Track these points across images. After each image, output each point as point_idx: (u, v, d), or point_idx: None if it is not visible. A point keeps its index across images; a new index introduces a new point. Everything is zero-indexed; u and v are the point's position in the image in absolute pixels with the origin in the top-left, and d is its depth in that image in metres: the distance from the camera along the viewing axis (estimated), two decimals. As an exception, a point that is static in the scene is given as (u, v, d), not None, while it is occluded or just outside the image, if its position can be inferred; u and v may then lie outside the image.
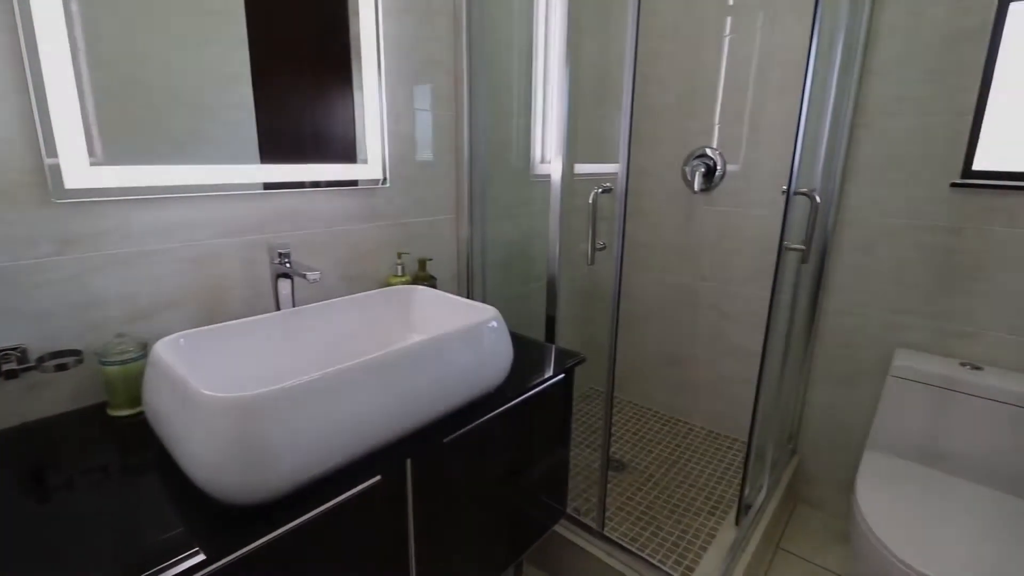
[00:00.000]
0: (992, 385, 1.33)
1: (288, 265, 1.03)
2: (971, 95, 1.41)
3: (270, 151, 1.08)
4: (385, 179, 1.31)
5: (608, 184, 1.24)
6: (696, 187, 1.91)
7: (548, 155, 1.79)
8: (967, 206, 1.43)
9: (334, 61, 1.18)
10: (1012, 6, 1.39)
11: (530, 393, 1.05)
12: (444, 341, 0.87)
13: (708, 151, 1.88)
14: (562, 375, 1.15)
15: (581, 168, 1.83)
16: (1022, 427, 1.29)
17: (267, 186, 1.08)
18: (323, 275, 1.23)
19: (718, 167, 1.87)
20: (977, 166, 1.48)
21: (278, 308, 1.04)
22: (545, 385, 1.10)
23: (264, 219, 1.10)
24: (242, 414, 0.63)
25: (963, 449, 1.37)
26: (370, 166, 1.28)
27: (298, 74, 1.11)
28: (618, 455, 1.95)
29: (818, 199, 1.28)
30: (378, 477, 0.77)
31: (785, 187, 1.21)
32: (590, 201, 1.22)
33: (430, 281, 1.42)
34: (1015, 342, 1.41)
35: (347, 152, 1.24)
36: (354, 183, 1.25)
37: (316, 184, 1.17)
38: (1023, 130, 1.40)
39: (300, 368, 0.94)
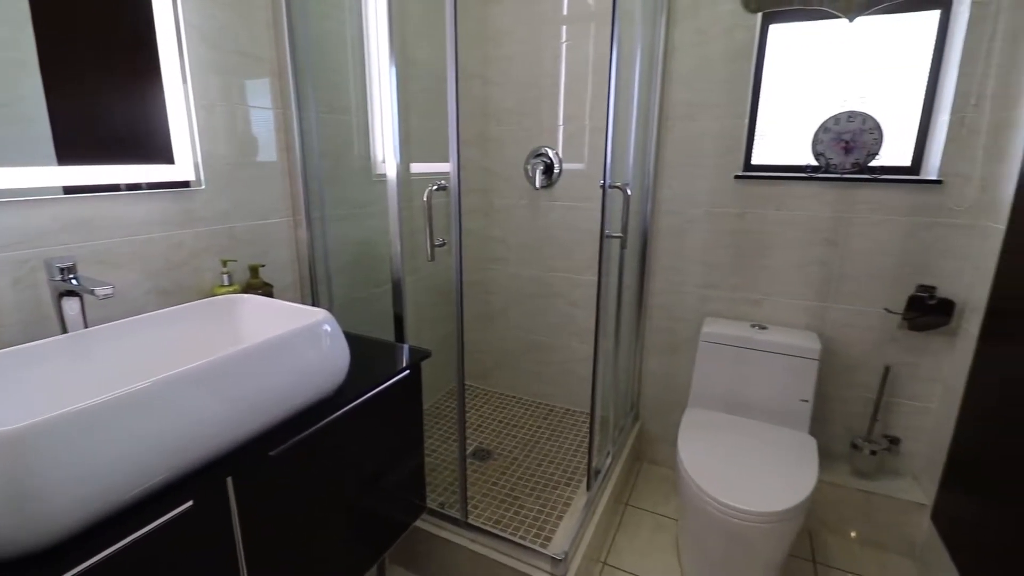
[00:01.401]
0: (773, 340, 1.63)
1: (74, 281, 0.90)
2: (746, 102, 1.69)
3: (69, 151, 0.94)
4: (199, 180, 1.20)
5: (443, 181, 1.27)
6: (537, 184, 2.03)
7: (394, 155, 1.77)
8: (747, 194, 1.72)
9: (137, 50, 1.05)
10: (771, 27, 1.70)
11: (372, 393, 1.05)
12: (263, 349, 0.83)
13: (546, 150, 2.02)
14: (407, 371, 1.15)
15: (422, 167, 1.84)
16: (793, 372, 1.59)
17: (67, 190, 0.95)
18: (128, 289, 1.09)
19: (555, 165, 2.01)
20: (755, 161, 1.79)
21: (65, 331, 0.91)
22: (389, 383, 1.10)
23: (46, 229, 0.95)
24: (9, 451, 0.55)
25: (755, 396, 1.65)
26: (180, 166, 1.17)
27: (97, 63, 0.98)
28: (485, 444, 2.01)
29: (629, 192, 1.44)
30: (189, 503, 0.72)
31: (601, 182, 1.35)
32: (424, 199, 1.24)
33: (265, 289, 1.33)
34: (789, 304, 1.73)
35: (160, 151, 1.12)
36: (165, 185, 1.13)
37: (117, 188, 1.04)
38: (784, 131, 1.72)
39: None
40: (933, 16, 1.51)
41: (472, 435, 2.07)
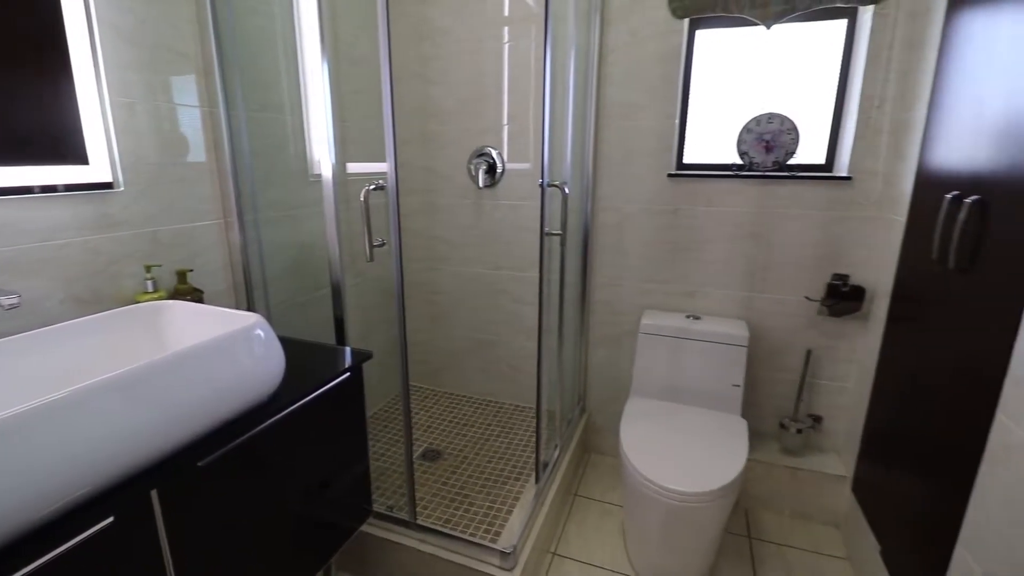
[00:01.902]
0: (706, 330, 1.71)
1: (-27, 292, 0.84)
2: (676, 103, 1.76)
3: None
4: (118, 181, 1.14)
5: (380, 181, 1.26)
6: (481, 183, 2.04)
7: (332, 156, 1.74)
8: (680, 192, 1.80)
9: (45, 47, 0.99)
10: (698, 33, 1.78)
11: (310, 397, 1.03)
12: (187, 355, 0.80)
13: (488, 149, 2.03)
14: (347, 374, 1.14)
15: (361, 167, 1.82)
16: (725, 359, 1.68)
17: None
18: (40, 299, 1.02)
19: (498, 164, 2.03)
20: (687, 160, 1.87)
21: (-37, 346, 0.84)
22: (328, 387, 1.08)
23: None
24: None
25: (690, 383, 1.73)
26: (96, 167, 1.11)
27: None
28: (435, 445, 2.01)
29: (567, 190, 1.48)
30: (110, 519, 0.69)
31: (540, 181, 1.38)
32: (361, 199, 1.23)
33: (194, 295, 1.28)
34: (720, 295, 1.82)
35: (72, 152, 1.06)
36: (81, 187, 1.07)
37: (29, 190, 0.98)
38: (712, 131, 1.81)
39: None
40: (841, 25, 1.63)
41: (422, 436, 2.07)
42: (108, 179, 1.13)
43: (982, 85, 1.12)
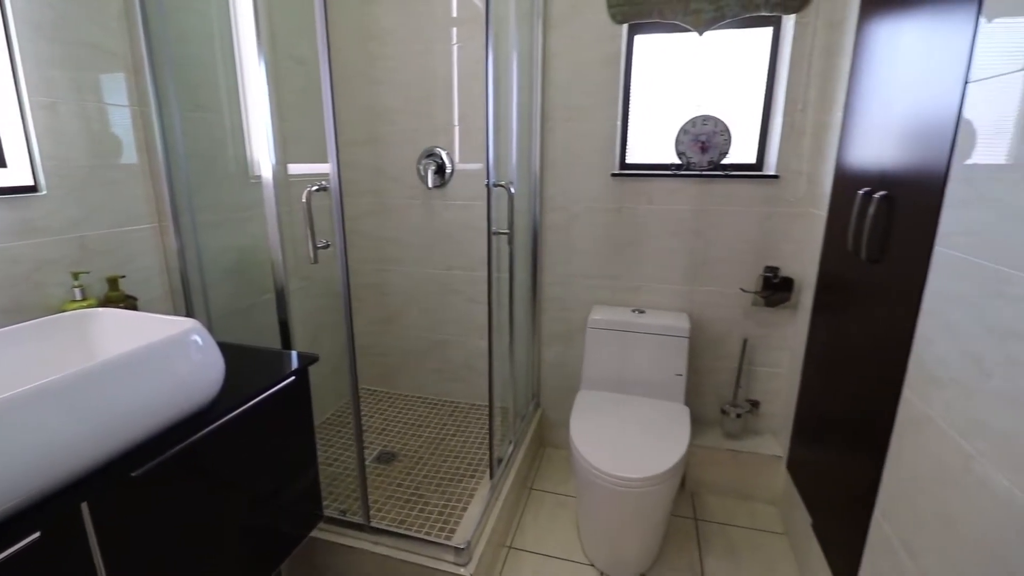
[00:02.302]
0: (650, 323, 1.78)
1: None
2: (618, 106, 1.82)
3: None
4: (39, 185, 1.09)
5: (323, 182, 1.25)
6: (430, 184, 2.05)
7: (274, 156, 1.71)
8: (623, 191, 1.86)
9: None
10: (636, 38, 1.85)
11: (253, 403, 1.02)
12: (117, 363, 0.78)
13: (437, 150, 2.04)
14: (291, 378, 1.13)
15: (306, 168, 1.79)
16: (668, 350, 1.76)
17: None
18: (-49, 311, 0.96)
19: (447, 165, 2.04)
20: (629, 160, 1.94)
21: None
22: (272, 391, 1.07)
23: None
24: None
25: (637, 374, 1.80)
26: (13, 170, 1.05)
27: None
28: (389, 447, 2.00)
29: (513, 190, 1.51)
30: (35, 535, 0.66)
31: (486, 181, 1.40)
32: (303, 200, 1.22)
33: (127, 302, 1.23)
34: (663, 289, 1.90)
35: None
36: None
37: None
38: (653, 132, 1.89)
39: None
40: (767, 32, 1.74)
41: (376, 439, 2.05)
42: (29, 182, 1.07)
43: (887, 89, 1.22)
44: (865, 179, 1.27)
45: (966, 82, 0.90)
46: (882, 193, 1.16)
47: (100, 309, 1.03)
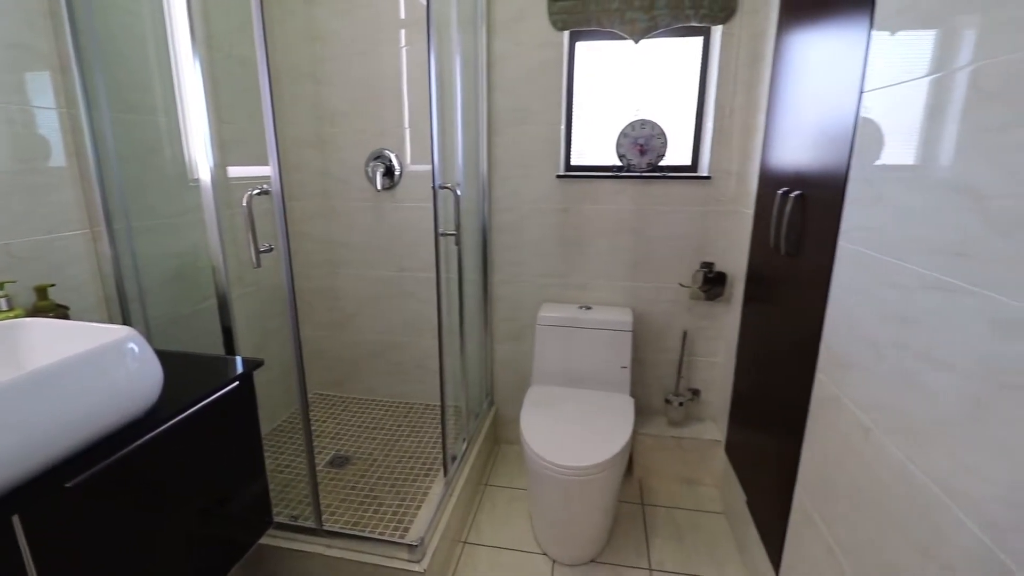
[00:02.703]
0: (595, 318, 1.85)
1: None
2: (562, 110, 1.89)
3: None
4: (-46, 192, 1.04)
5: (265, 186, 1.24)
6: (379, 186, 2.05)
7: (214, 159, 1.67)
8: (569, 192, 1.93)
9: None
10: (578, 44, 1.92)
11: (194, 409, 1.00)
12: (46, 375, 0.76)
13: (385, 152, 2.04)
14: (235, 383, 1.12)
15: (250, 171, 1.76)
16: (613, 344, 1.84)
17: None
18: None
19: (396, 167, 2.05)
20: (574, 162, 2.01)
21: None
22: (215, 397, 1.06)
23: None
24: None
25: (584, 368, 1.87)
26: (-76, 177, 1.00)
27: None
28: (343, 451, 1.99)
29: (459, 192, 1.54)
30: (-40, 550, 0.64)
31: (432, 184, 1.42)
32: (244, 203, 1.21)
33: (58, 312, 1.18)
34: (607, 285, 1.98)
35: None
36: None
37: None
38: (596, 135, 1.96)
39: None
40: (698, 41, 1.84)
41: (329, 443, 2.04)
42: (-58, 188, 1.02)
43: (800, 96, 1.33)
44: (784, 179, 1.38)
45: (861, 92, 1.00)
46: (797, 192, 1.27)
47: (27, 319, 1.00)
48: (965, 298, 0.69)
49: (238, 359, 1.24)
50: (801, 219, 1.26)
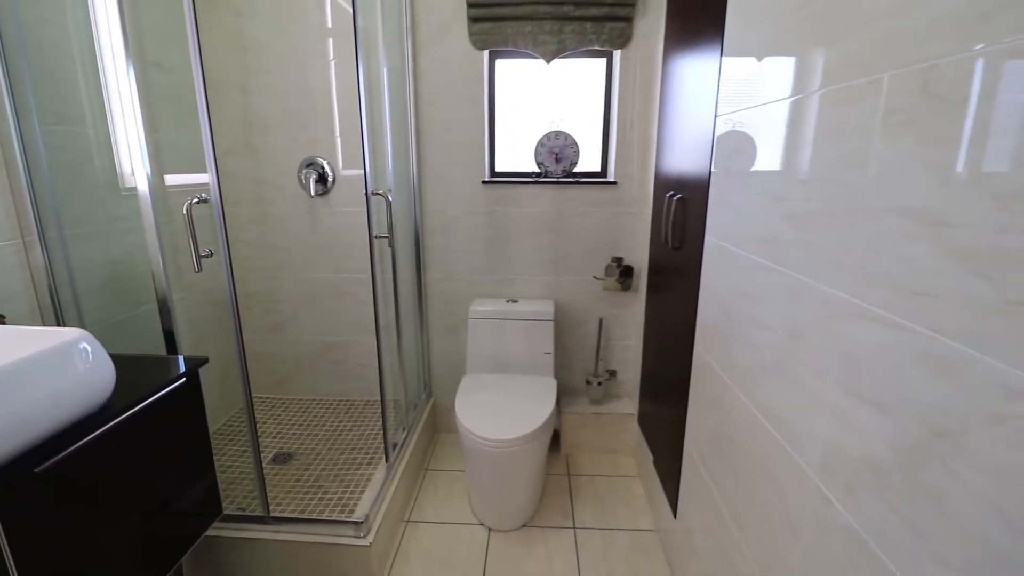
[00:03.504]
0: (521, 310, 2.05)
1: None
2: (484, 121, 2.06)
3: None
4: None
5: (204, 195, 1.33)
6: (312, 192, 2.14)
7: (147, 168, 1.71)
8: (494, 196, 2.11)
9: None
10: (497, 62, 2.10)
11: (145, 404, 1.09)
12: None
13: (318, 159, 2.14)
14: (182, 379, 1.21)
15: (183, 179, 1.81)
16: (537, 333, 2.04)
17: None
18: None
19: (329, 173, 2.14)
20: (498, 168, 2.19)
21: None
22: (163, 392, 1.14)
23: None
24: None
25: (512, 355, 2.06)
26: None
27: None
28: (285, 449, 2.06)
29: (391, 198, 1.68)
30: (-61, 528, 0.72)
31: (365, 190, 1.56)
32: (184, 211, 1.29)
33: (-7, 320, 1.21)
34: (532, 280, 2.18)
35: None
36: None
37: None
38: (517, 144, 2.16)
39: None
40: (603, 62, 2.08)
41: (271, 443, 2.10)
42: None
43: (679, 113, 1.58)
44: (670, 184, 1.63)
45: (715, 115, 1.25)
46: (679, 196, 1.51)
47: (-29, 326, 1.04)
48: (775, 275, 0.93)
49: (180, 357, 1.32)
50: (682, 218, 1.51)
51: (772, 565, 0.93)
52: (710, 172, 1.28)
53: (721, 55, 1.21)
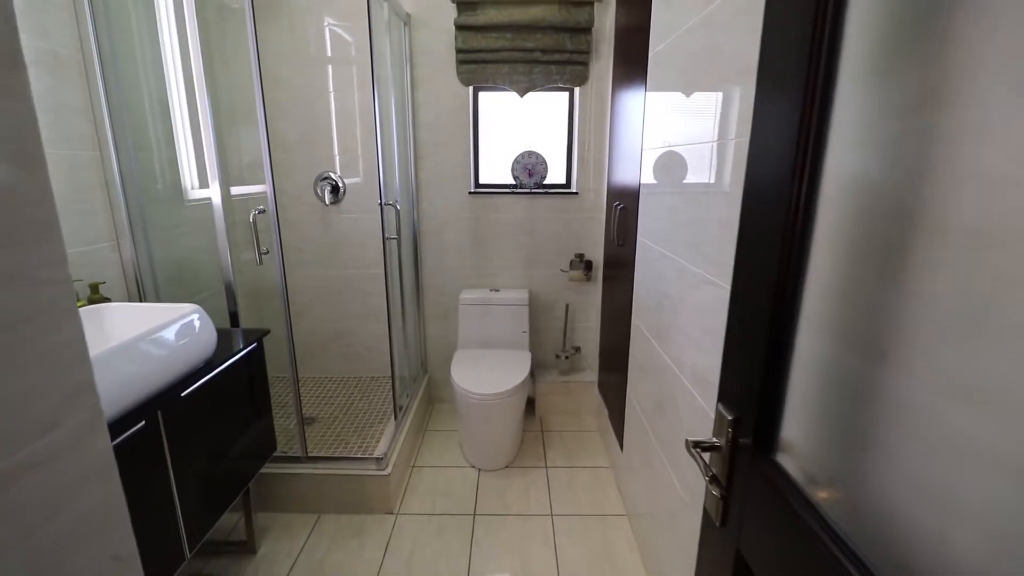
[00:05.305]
0: (502, 298, 2.51)
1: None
2: (470, 141, 2.52)
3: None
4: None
5: (261, 207, 1.75)
6: (327, 201, 2.56)
7: (198, 182, 2.11)
8: (478, 204, 2.57)
9: None
10: (480, 94, 2.56)
11: (238, 357, 1.52)
12: (146, 336, 1.26)
13: (331, 174, 2.56)
14: (255, 344, 1.63)
15: (235, 190, 2.21)
16: (515, 316, 2.51)
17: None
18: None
19: (340, 186, 2.57)
20: (482, 181, 2.65)
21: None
22: (243, 353, 1.57)
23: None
24: None
25: (495, 334, 2.52)
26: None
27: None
28: (308, 414, 2.48)
29: (399, 207, 2.12)
30: (142, 423, 1.15)
31: (379, 201, 2.00)
32: (251, 220, 1.71)
33: (105, 302, 1.62)
34: (510, 273, 2.65)
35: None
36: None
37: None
38: (497, 161, 2.62)
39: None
40: (566, 96, 2.56)
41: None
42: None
43: (622, 139, 2.07)
44: (616, 195, 2.11)
45: (642, 149, 1.74)
46: (622, 205, 2.00)
47: (112, 303, 1.45)
48: (671, 262, 1.41)
49: (242, 331, 1.74)
50: (624, 222, 1.99)
51: (675, 451, 1.42)
52: (639, 187, 1.76)
53: (645, 91, 1.69)
